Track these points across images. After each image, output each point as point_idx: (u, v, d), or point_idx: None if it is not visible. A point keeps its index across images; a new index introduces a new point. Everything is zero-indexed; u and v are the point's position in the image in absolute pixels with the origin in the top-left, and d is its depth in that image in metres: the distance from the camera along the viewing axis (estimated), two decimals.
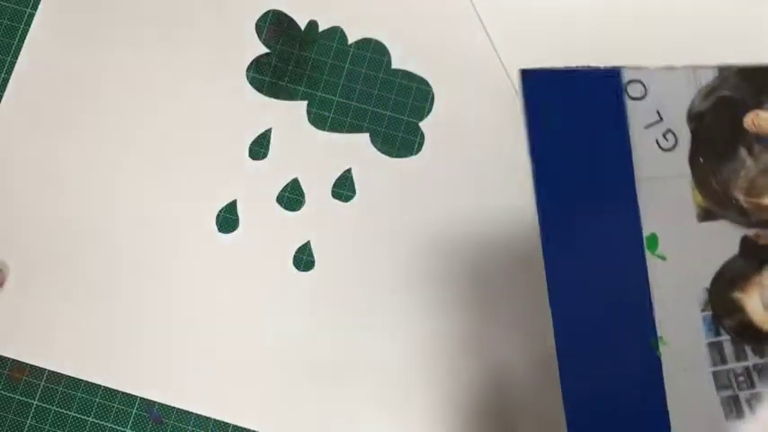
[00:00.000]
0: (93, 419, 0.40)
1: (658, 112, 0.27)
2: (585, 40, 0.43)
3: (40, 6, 0.44)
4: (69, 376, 0.41)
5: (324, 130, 0.43)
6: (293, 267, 0.42)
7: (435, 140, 0.43)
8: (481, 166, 0.42)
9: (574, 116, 0.27)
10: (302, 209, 0.42)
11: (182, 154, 0.43)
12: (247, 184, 0.42)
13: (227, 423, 0.40)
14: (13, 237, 0.42)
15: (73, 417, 0.40)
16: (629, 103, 0.27)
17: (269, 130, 0.43)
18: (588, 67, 0.27)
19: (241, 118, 0.43)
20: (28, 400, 0.40)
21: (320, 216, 0.42)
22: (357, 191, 0.42)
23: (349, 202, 0.42)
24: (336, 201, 0.42)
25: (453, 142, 0.43)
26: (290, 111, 0.43)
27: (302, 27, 0.44)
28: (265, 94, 0.43)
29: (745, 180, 0.26)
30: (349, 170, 0.43)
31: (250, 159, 0.43)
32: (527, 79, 0.28)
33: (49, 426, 0.40)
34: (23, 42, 0.44)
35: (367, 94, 0.43)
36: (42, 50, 0.44)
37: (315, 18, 0.44)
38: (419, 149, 0.43)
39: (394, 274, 0.41)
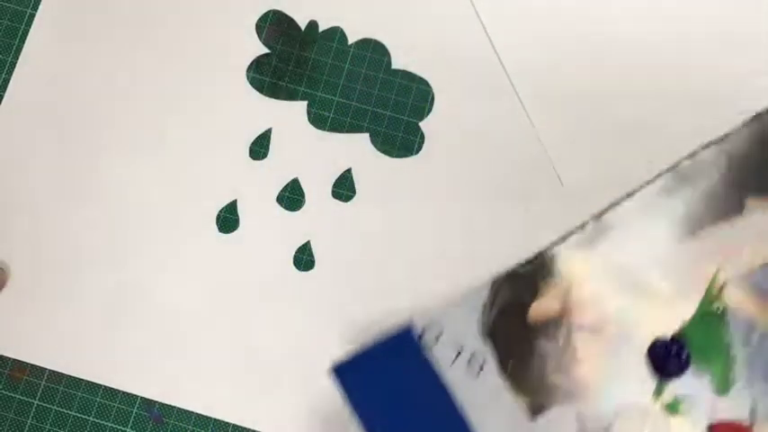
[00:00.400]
0: (94, 419, 0.40)
1: (457, 344, 0.29)
2: (585, 40, 0.43)
3: (41, 6, 0.44)
4: (70, 376, 0.41)
5: (324, 130, 0.43)
6: (293, 267, 0.42)
7: (435, 140, 0.43)
8: (481, 166, 0.42)
9: (392, 383, 0.29)
10: (302, 209, 0.42)
11: (182, 154, 0.43)
12: (247, 184, 0.42)
13: (227, 423, 0.40)
14: (13, 237, 0.42)
15: (73, 416, 0.40)
16: (430, 349, 0.29)
17: (269, 130, 0.43)
18: (385, 335, 0.29)
19: (241, 118, 0.43)
20: (29, 399, 0.41)
21: (320, 216, 0.42)
22: (357, 191, 0.42)
23: (349, 202, 0.42)
24: (336, 201, 0.42)
25: (453, 142, 0.43)
26: (290, 111, 0.43)
27: (302, 27, 0.44)
28: (265, 94, 0.43)
29: (553, 365, 0.28)
30: (349, 170, 0.43)
31: (250, 159, 0.43)
32: (340, 374, 0.29)
33: (50, 425, 0.40)
34: (24, 42, 0.44)
35: (367, 94, 0.43)
36: (42, 50, 0.44)
37: (315, 18, 0.44)
38: (419, 149, 0.43)
39: (394, 273, 0.41)
